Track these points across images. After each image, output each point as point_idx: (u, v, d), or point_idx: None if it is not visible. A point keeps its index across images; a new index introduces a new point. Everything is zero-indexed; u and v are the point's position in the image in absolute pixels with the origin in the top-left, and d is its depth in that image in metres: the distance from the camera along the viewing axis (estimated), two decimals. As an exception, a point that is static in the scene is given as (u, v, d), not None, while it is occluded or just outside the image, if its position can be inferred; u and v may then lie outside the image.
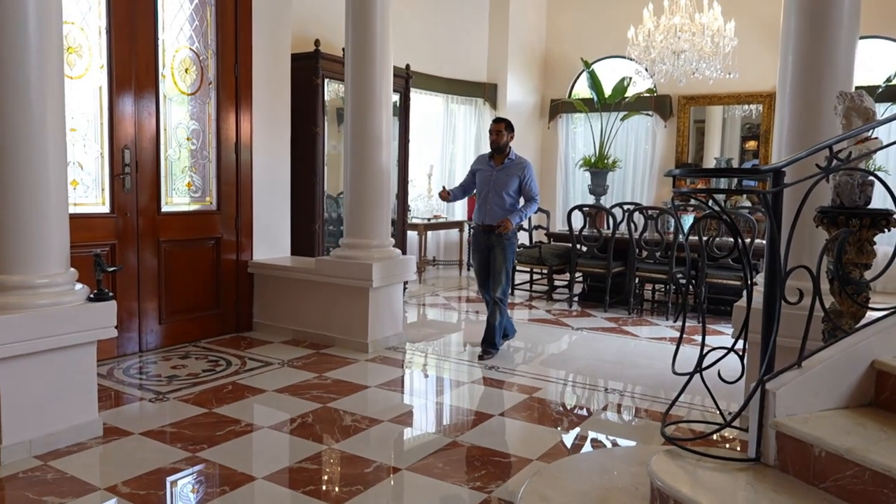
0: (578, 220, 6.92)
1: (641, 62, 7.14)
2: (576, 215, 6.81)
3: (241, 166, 5.24)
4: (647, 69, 7.24)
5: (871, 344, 2.44)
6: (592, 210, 6.89)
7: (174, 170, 4.85)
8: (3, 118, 2.84)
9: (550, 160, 9.81)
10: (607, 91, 8.41)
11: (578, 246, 6.70)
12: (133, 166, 4.51)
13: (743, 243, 2.43)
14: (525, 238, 7.41)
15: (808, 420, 2.29)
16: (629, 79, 8.30)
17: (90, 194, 4.33)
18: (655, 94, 8.88)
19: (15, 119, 2.86)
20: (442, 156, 9.15)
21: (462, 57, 9.06)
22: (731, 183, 6.43)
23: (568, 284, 6.94)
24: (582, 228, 6.75)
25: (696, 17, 6.55)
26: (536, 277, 7.65)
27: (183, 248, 4.91)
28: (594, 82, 8.41)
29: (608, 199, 8.68)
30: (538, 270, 7.25)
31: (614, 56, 9.07)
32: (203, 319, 5.08)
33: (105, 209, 4.41)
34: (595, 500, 2.52)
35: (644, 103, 8.90)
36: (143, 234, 4.63)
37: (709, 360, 2.63)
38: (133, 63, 4.47)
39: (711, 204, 2.44)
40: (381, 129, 4.92)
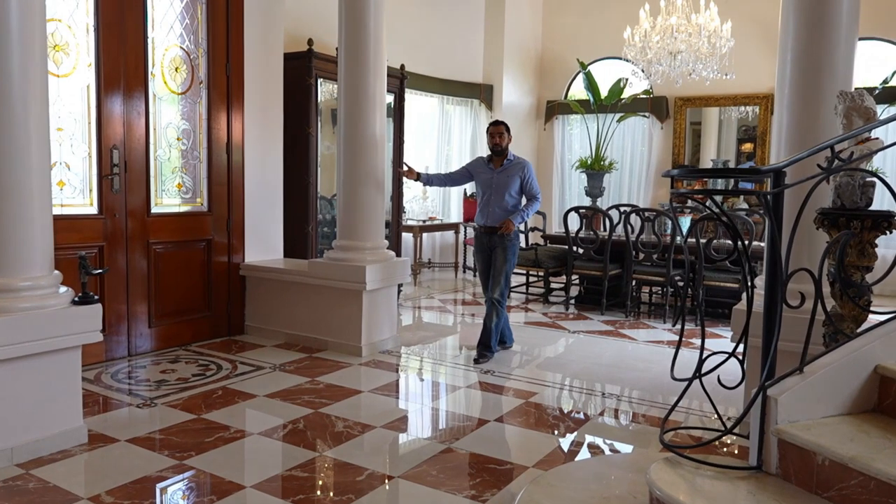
0: (575, 223, 6.86)
1: (638, 63, 7.09)
2: (572, 217, 6.76)
3: (233, 167, 5.17)
4: (643, 70, 7.20)
5: (874, 349, 2.38)
6: (589, 212, 6.83)
7: (164, 170, 4.77)
8: (-17, 117, 2.77)
9: (546, 162, 9.76)
10: (603, 92, 8.37)
11: (575, 248, 6.65)
12: (122, 167, 4.44)
13: (744, 245, 2.37)
14: (521, 240, 7.35)
15: (810, 427, 2.23)
16: (625, 80, 8.26)
17: (77, 195, 4.25)
18: (652, 95, 8.84)
19: (-4, 118, 2.78)
20: (437, 157, 9.08)
21: (457, 57, 9.01)
22: (729, 184, 6.38)
23: (564, 287, 6.88)
24: (578, 230, 6.69)
25: (693, 18, 6.51)
26: (532, 280, 7.59)
27: (173, 250, 4.84)
28: (590, 83, 8.36)
29: (604, 201, 8.64)
30: (534, 273, 7.19)
31: (610, 57, 9.04)
32: (194, 323, 5.00)
33: (93, 210, 4.33)
34: (592, 510, 2.46)
35: (640, 105, 8.86)
36: (133, 235, 4.55)
37: (708, 365, 2.57)
38: (122, 61, 4.39)
39: (711, 206, 2.37)
40: (374, 130, 4.86)
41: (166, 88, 4.73)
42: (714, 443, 3.12)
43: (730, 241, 6.07)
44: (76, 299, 3.07)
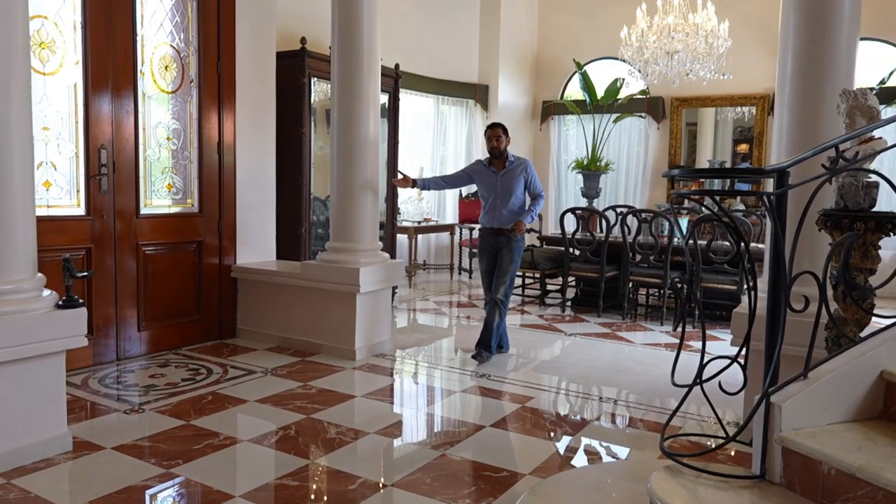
0: (571, 224, 6.80)
1: (634, 63, 7.03)
2: (568, 218, 6.69)
3: (225, 167, 5.08)
4: (640, 70, 7.14)
5: (879, 354, 2.32)
6: (585, 213, 6.77)
7: (154, 171, 4.69)
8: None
9: (542, 162, 9.69)
10: (600, 93, 8.32)
11: (571, 250, 6.59)
12: (110, 167, 4.35)
13: (747, 247, 2.30)
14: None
15: (815, 435, 2.17)
16: (622, 80, 8.20)
17: (64, 196, 4.16)
18: (648, 95, 8.79)
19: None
20: (432, 158, 9.01)
21: (453, 57, 8.94)
22: (725, 184, 6.33)
23: (561, 289, 6.82)
24: (575, 232, 6.63)
25: (690, 18, 6.46)
26: (529, 282, 7.52)
27: (163, 252, 4.75)
28: (586, 84, 8.31)
29: (601, 202, 8.58)
30: (530, 274, 7.12)
31: (607, 57, 8.99)
32: (184, 326, 4.91)
33: (80, 211, 4.24)
34: (591, 519, 2.39)
35: (637, 105, 8.80)
36: (121, 237, 4.47)
37: (710, 369, 2.51)
38: (110, 59, 4.31)
39: (715, 207, 2.31)
40: (368, 130, 4.78)
41: (156, 87, 4.64)
42: (715, 451, 3.06)
43: (727, 243, 6.02)
44: (60, 303, 2.99)
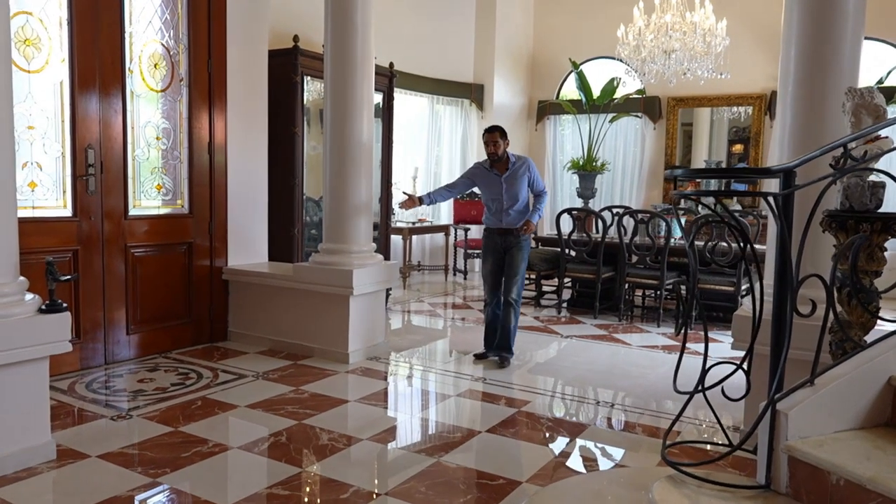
0: (567, 225, 6.73)
1: (631, 62, 6.97)
2: (564, 219, 6.62)
3: (215, 168, 4.99)
4: (636, 69, 7.08)
5: (887, 359, 2.26)
6: (581, 214, 6.70)
7: (143, 171, 4.59)
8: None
9: (538, 162, 9.57)
10: (596, 92, 8.25)
11: (567, 250, 6.52)
12: (97, 167, 4.25)
13: (752, 250, 2.23)
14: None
15: (823, 443, 2.10)
16: (618, 80, 8.13)
17: (50, 196, 4.07)
18: (644, 95, 8.73)
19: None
20: (427, 158, 8.93)
21: (448, 56, 8.85)
22: (721, 184, 6.26)
23: (556, 290, 6.75)
24: (571, 232, 6.56)
25: (688, 16, 6.39)
26: (524, 283, 7.43)
27: (152, 254, 4.65)
28: (582, 83, 8.24)
29: (596, 203, 8.52)
30: (526, 276, 7.02)
31: (603, 57, 8.92)
32: (174, 329, 4.81)
33: (66, 212, 4.14)
34: (591, 530, 2.32)
35: (633, 105, 8.74)
36: (109, 238, 4.37)
37: (711, 373, 2.44)
38: (97, 57, 4.21)
39: (718, 209, 2.24)
40: (362, 130, 4.70)
41: (145, 85, 4.54)
42: (720, 461, 2.99)
43: (724, 244, 5.96)
44: (43, 307, 2.89)
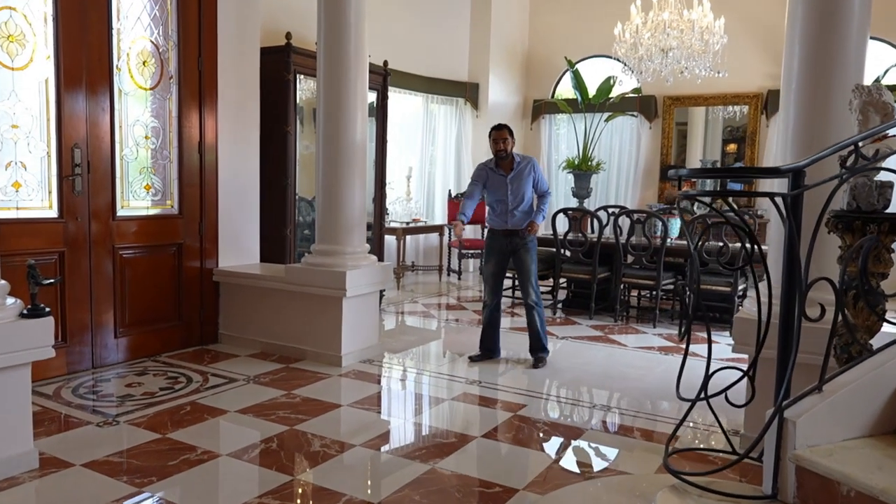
0: (562, 225, 6.66)
1: (628, 60, 6.90)
2: (560, 219, 6.55)
3: (206, 167, 4.89)
4: (633, 68, 7.01)
5: (896, 365, 2.19)
6: (577, 214, 6.63)
7: (131, 171, 4.49)
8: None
9: (533, 162, 9.54)
10: (591, 91, 8.19)
11: (562, 251, 6.45)
12: (84, 167, 4.15)
13: (760, 251, 2.16)
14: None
15: (832, 452, 2.03)
16: (614, 78, 8.07)
17: (35, 197, 3.96)
18: (640, 94, 8.67)
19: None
20: (421, 157, 8.85)
21: (443, 55, 8.77)
22: (717, 184, 6.20)
23: (552, 291, 6.68)
24: (566, 233, 6.49)
25: (685, 14, 6.33)
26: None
27: (141, 255, 4.56)
28: (578, 82, 8.17)
29: (592, 202, 8.46)
30: (521, 276, 6.96)
31: (599, 55, 8.86)
32: (163, 332, 4.72)
33: (52, 213, 4.04)
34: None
35: (629, 104, 8.68)
36: (97, 240, 4.27)
37: (714, 378, 2.37)
38: (84, 54, 4.11)
39: (725, 208, 2.17)
40: (356, 129, 4.61)
41: (133, 83, 4.45)
42: (717, 461, 2.92)
43: (720, 244, 5.90)
44: (25, 312, 2.80)
